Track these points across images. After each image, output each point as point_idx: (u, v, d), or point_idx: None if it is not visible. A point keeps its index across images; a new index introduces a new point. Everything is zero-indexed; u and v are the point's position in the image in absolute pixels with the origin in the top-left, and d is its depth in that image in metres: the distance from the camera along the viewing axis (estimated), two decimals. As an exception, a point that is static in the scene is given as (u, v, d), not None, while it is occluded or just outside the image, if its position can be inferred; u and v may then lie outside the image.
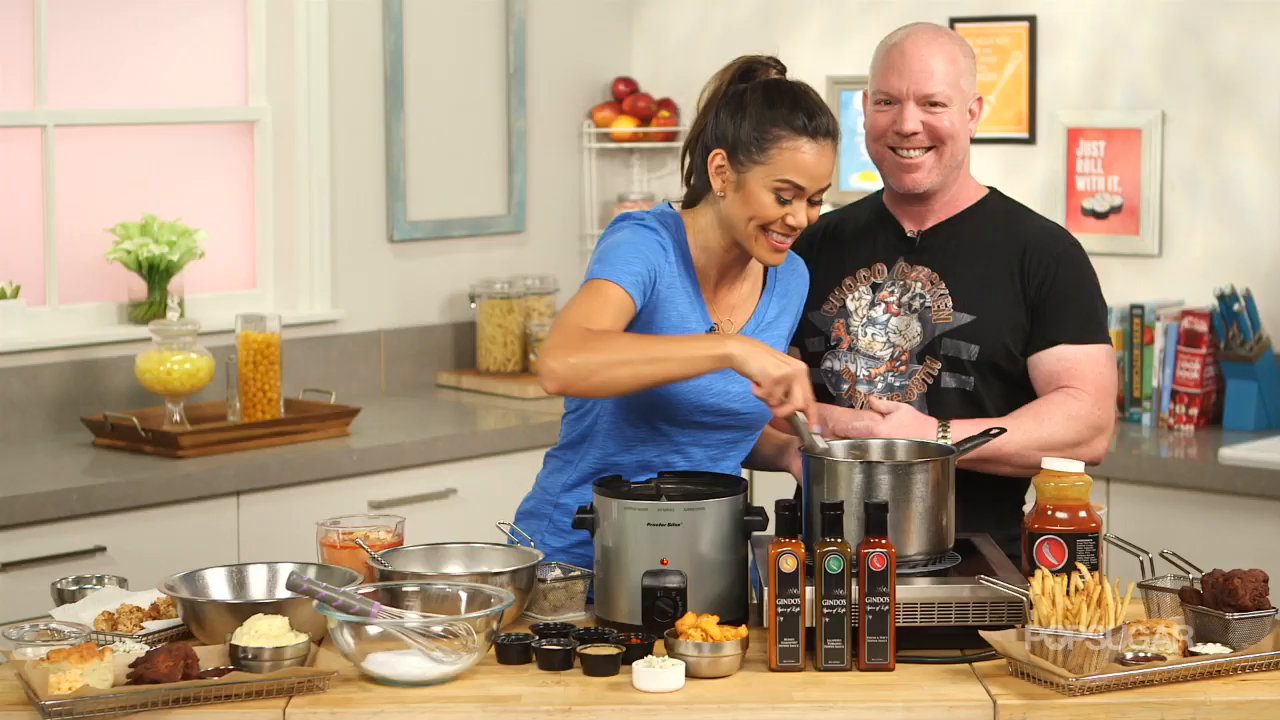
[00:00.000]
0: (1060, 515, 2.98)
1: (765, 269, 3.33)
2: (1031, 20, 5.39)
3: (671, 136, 6.06)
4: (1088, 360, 3.34)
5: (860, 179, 5.72)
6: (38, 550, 4.24)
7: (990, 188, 3.49)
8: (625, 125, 5.97)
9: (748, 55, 3.25)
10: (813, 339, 3.44)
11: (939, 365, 3.35)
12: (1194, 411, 4.96)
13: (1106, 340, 3.39)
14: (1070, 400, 3.31)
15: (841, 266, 3.44)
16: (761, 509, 3.04)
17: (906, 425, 3.24)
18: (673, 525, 2.98)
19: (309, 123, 5.39)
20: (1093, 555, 2.96)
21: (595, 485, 3.08)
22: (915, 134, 3.32)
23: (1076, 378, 3.33)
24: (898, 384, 3.36)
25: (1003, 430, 3.23)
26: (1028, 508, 3.14)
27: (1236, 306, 4.94)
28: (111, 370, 5.02)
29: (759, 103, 3.16)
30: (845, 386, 3.39)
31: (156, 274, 5.05)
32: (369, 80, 5.55)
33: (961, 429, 3.23)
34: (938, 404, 3.34)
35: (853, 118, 5.72)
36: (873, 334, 3.39)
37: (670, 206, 3.30)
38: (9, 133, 4.99)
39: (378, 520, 3.26)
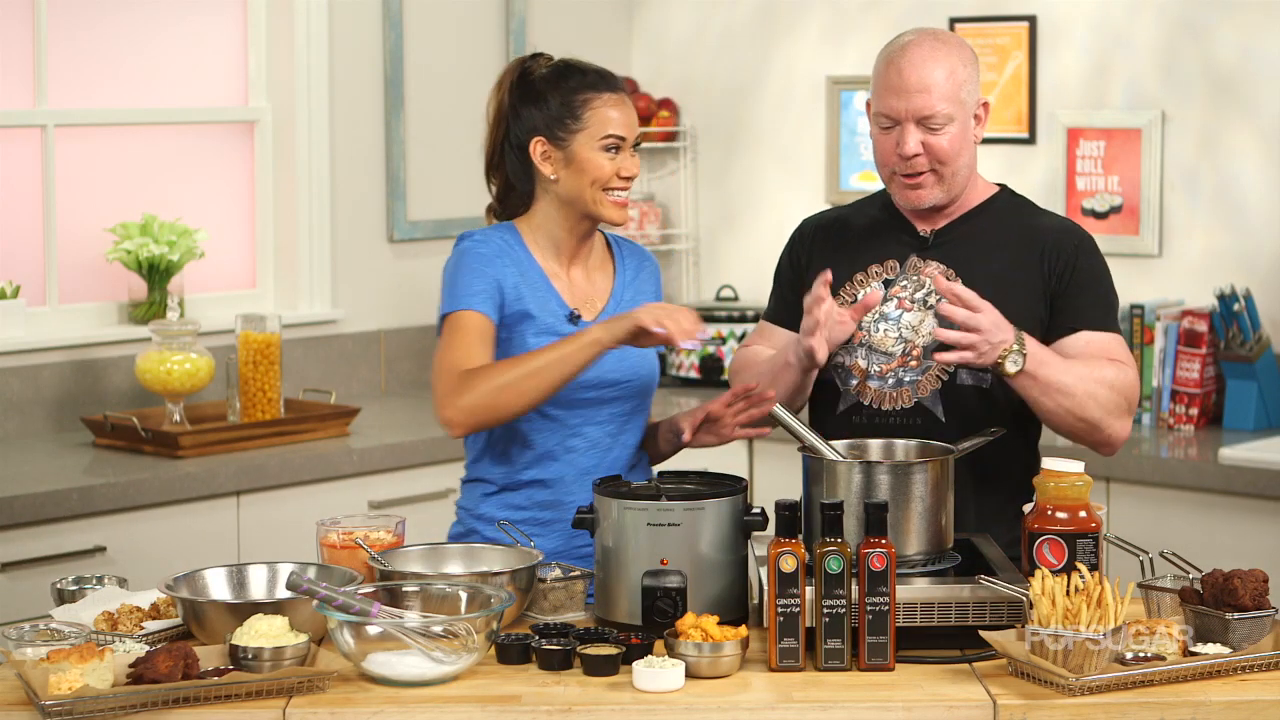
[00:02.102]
0: (1060, 515, 2.98)
1: (613, 258, 3.45)
2: (1031, 20, 5.39)
3: (672, 136, 6.06)
4: (1115, 343, 3.34)
5: (860, 179, 5.71)
6: (38, 550, 4.24)
7: (1000, 185, 3.48)
8: (625, 125, 5.97)
9: (519, 57, 3.41)
10: None
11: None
12: (1194, 411, 4.95)
13: (1120, 333, 3.40)
14: (1123, 370, 3.30)
15: (851, 261, 3.43)
16: (762, 509, 3.04)
17: (992, 327, 3.16)
18: (673, 525, 2.98)
19: (309, 123, 5.39)
20: (1093, 555, 2.95)
21: (595, 485, 3.08)
22: (916, 156, 3.32)
23: (1112, 354, 3.32)
24: (909, 379, 3.35)
25: (1002, 431, 3.23)
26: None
27: (1236, 306, 4.93)
28: (111, 370, 5.02)
29: (553, 82, 3.33)
30: (854, 382, 3.38)
31: (156, 274, 5.05)
32: (369, 80, 5.55)
33: (1032, 345, 3.19)
34: (954, 401, 3.32)
35: (853, 118, 5.72)
36: (885, 329, 3.37)
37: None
38: (9, 133, 4.98)
39: (378, 520, 3.26)
